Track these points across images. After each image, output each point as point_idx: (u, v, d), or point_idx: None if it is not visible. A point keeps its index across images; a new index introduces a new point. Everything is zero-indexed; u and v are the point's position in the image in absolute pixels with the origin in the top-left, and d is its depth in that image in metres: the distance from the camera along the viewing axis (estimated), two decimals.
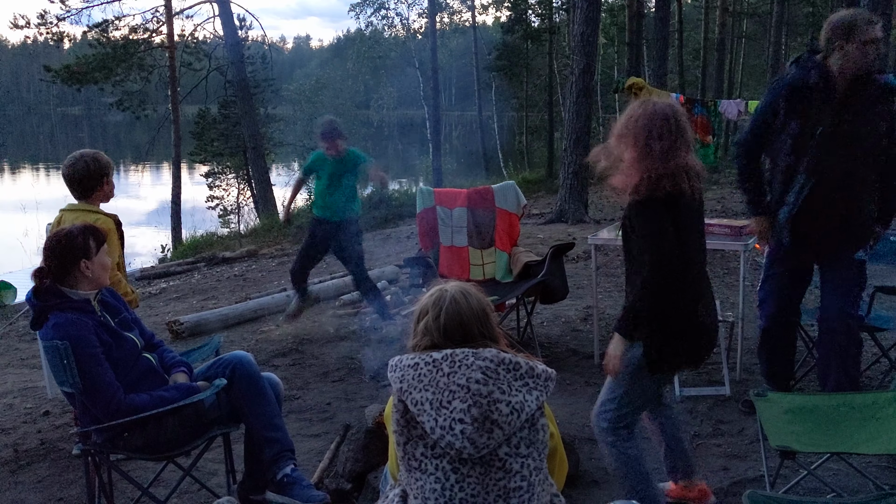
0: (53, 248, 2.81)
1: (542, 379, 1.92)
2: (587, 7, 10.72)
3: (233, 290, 7.87)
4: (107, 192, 3.67)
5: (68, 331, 2.69)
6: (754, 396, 2.98)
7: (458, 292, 1.99)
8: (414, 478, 1.90)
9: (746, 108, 9.47)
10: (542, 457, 1.93)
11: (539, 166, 26.33)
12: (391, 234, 11.19)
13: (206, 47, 20.97)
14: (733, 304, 5.67)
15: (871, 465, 3.25)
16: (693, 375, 4.50)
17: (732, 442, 3.64)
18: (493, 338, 2.00)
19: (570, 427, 3.80)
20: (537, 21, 30.29)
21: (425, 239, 5.48)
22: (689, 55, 31.52)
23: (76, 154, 3.61)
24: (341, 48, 61.26)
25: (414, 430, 1.88)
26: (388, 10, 35.99)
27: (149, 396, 2.82)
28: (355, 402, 4.37)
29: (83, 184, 3.57)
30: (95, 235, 2.88)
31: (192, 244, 15.22)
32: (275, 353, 5.35)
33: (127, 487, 3.32)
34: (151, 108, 21.30)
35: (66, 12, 19.26)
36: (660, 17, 16.02)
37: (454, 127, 42.08)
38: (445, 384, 1.85)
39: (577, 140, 11.02)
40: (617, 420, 2.71)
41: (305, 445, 3.77)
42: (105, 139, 53.81)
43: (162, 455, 2.88)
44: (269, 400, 3.06)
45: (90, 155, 3.60)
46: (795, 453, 2.53)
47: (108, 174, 3.65)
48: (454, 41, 40.70)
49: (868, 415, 2.78)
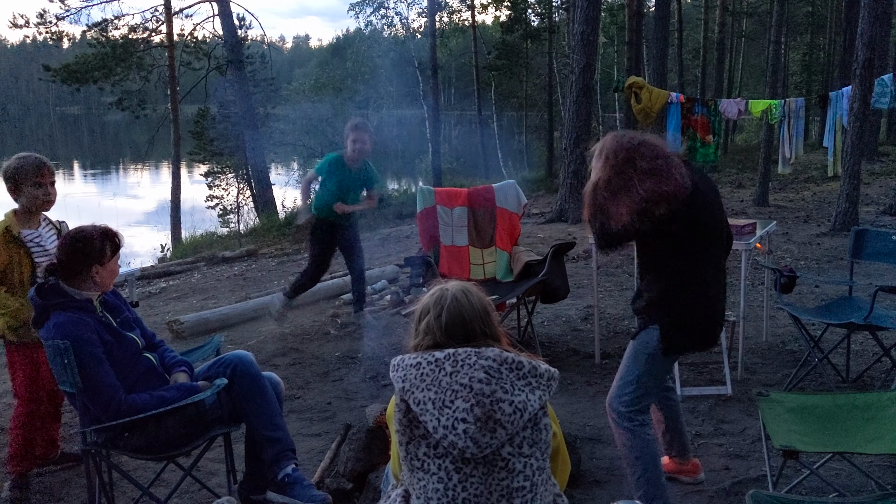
0: (69, 248, 2.81)
1: (544, 378, 1.91)
2: (587, 6, 10.72)
3: (233, 290, 7.86)
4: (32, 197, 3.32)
5: (69, 330, 2.68)
6: (756, 396, 2.98)
7: (460, 291, 1.99)
8: (416, 478, 1.90)
9: (746, 108, 9.48)
10: (544, 456, 1.93)
11: (539, 166, 26.30)
12: (391, 234, 11.18)
13: (205, 47, 20.93)
14: (734, 304, 5.67)
15: (873, 465, 3.25)
16: (694, 375, 4.50)
17: (734, 441, 3.64)
18: (494, 337, 1.99)
19: (572, 427, 3.80)
20: (537, 20, 30.27)
21: (426, 238, 5.46)
22: (689, 54, 31.51)
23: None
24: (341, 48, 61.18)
25: (416, 429, 1.87)
26: (388, 9, 35.95)
27: (149, 396, 2.82)
28: (356, 401, 4.37)
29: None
30: (112, 241, 2.88)
31: (191, 244, 15.20)
32: (275, 353, 5.34)
33: (127, 487, 3.32)
34: (151, 108, 21.27)
35: (65, 12, 19.25)
36: (659, 17, 16.01)
37: (454, 126, 42.03)
38: (448, 384, 1.84)
39: (577, 139, 11.02)
40: (633, 403, 2.78)
41: (306, 445, 3.76)
42: (104, 139, 53.81)
43: (162, 455, 2.87)
44: (270, 399, 3.05)
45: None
46: (798, 453, 2.53)
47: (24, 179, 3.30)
48: (454, 40, 40.66)
49: (870, 414, 2.78)
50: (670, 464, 3.23)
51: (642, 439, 2.76)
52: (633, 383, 2.79)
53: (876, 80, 8.94)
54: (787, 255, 7.91)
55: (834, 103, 9.34)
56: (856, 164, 8.92)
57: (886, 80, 9.03)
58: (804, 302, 5.93)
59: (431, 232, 5.43)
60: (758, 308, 5.54)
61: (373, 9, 35.71)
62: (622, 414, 2.79)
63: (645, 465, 2.75)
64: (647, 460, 2.75)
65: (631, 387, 2.79)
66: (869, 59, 8.64)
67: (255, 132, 18.30)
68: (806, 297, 6.21)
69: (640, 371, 2.78)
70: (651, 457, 2.76)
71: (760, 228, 4.65)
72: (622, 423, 2.79)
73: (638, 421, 2.78)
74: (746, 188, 14.18)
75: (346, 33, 63.04)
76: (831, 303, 4.53)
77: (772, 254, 5.58)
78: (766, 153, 11.99)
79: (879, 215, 9.99)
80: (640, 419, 2.78)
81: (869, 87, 8.76)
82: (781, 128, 9.90)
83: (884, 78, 9.08)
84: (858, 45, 8.77)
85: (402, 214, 13.30)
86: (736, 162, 20.17)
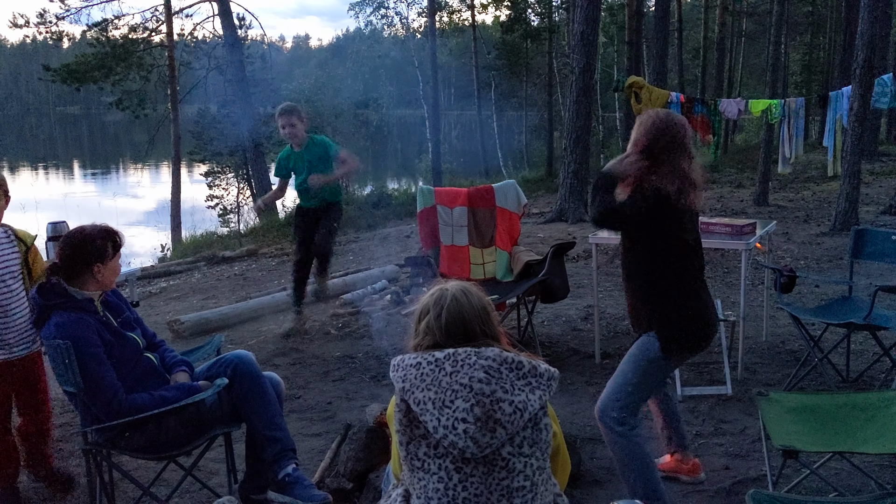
0: (69, 249, 2.81)
1: (544, 378, 1.91)
2: (587, 6, 10.71)
3: (233, 290, 7.86)
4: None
5: (70, 330, 2.68)
6: (756, 396, 2.99)
7: (459, 291, 1.99)
8: (417, 477, 1.90)
9: (746, 107, 9.49)
10: (545, 456, 1.93)
11: (539, 166, 26.30)
12: (391, 234, 11.18)
13: (205, 46, 20.93)
14: (734, 304, 5.67)
15: (873, 465, 3.25)
16: (694, 375, 4.50)
17: (734, 441, 3.64)
18: (494, 336, 2.00)
19: (572, 426, 3.80)
20: (537, 20, 30.27)
21: (426, 238, 5.47)
22: (689, 54, 31.52)
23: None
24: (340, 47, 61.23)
25: (416, 429, 1.88)
26: (388, 9, 35.95)
27: (150, 396, 2.82)
28: (356, 401, 4.37)
29: None
30: (113, 239, 2.88)
31: (191, 243, 15.18)
32: (275, 353, 5.34)
33: (128, 487, 3.32)
34: (151, 108, 21.24)
35: (65, 11, 19.23)
36: (659, 16, 16.00)
37: (453, 126, 42.04)
38: (448, 383, 1.85)
39: (577, 139, 11.02)
40: (626, 408, 2.78)
41: (306, 445, 3.76)
42: (104, 138, 53.79)
43: (163, 455, 2.88)
44: (271, 399, 3.05)
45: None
46: (798, 452, 2.53)
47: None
48: (454, 40, 40.66)
49: (870, 414, 2.78)
50: (671, 461, 3.23)
51: (634, 443, 2.75)
52: (626, 388, 2.78)
53: (876, 80, 8.94)
54: (786, 254, 7.91)
55: (834, 103, 9.34)
56: (856, 164, 8.92)
57: (886, 80, 9.04)
58: (804, 302, 5.93)
59: (431, 232, 5.43)
60: (758, 308, 5.54)
61: (373, 9, 35.71)
62: (614, 419, 2.77)
63: (638, 468, 2.75)
64: (641, 463, 2.75)
65: (627, 391, 2.78)
66: (869, 59, 8.65)
67: (255, 132, 18.30)
68: (806, 296, 6.21)
69: (639, 378, 2.78)
70: (643, 458, 2.75)
71: (760, 228, 4.65)
72: (614, 428, 2.77)
73: (629, 425, 2.77)
74: (746, 188, 14.18)
75: (346, 33, 63.05)
76: (831, 303, 4.53)
77: (772, 253, 5.58)
78: (765, 153, 11.99)
79: (879, 215, 9.98)
80: (632, 423, 2.78)
81: (869, 87, 8.76)
82: (781, 127, 9.90)
83: (884, 78, 9.08)
84: (858, 45, 8.77)
85: (402, 214, 13.30)
86: (736, 162, 20.16)
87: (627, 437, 2.76)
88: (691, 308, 2.78)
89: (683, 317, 2.76)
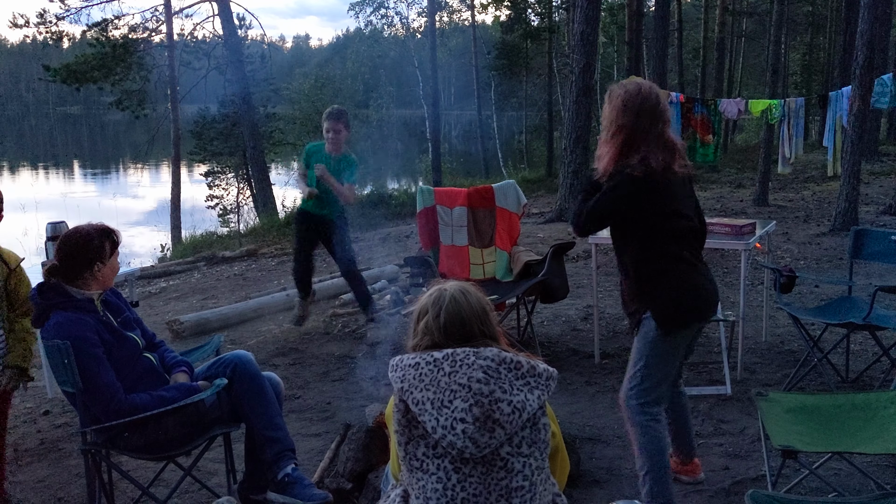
0: (68, 249, 2.81)
1: (543, 378, 1.91)
2: (587, 6, 10.71)
3: (233, 290, 7.87)
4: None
5: (69, 330, 2.68)
6: (756, 396, 2.99)
7: (458, 291, 1.99)
8: (415, 478, 1.90)
9: (746, 107, 9.49)
10: (543, 456, 1.93)
11: (539, 165, 26.29)
12: (391, 234, 11.18)
13: (205, 46, 20.92)
14: (734, 304, 5.67)
15: (872, 465, 3.25)
16: (694, 375, 4.50)
17: (734, 441, 3.64)
18: (493, 336, 1.99)
19: (571, 426, 3.79)
20: (537, 20, 30.26)
21: (425, 238, 5.47)
22: (689, 54, 31.50)
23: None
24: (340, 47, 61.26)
25: (415, 429, 1.88)
26: (388, 9, 35.95)
27: (149, 396, 2.82)
28: (356, 401, 4.37)
29: None
30: (111, 238, 2.88)
31: (191, 243, 15.19)
32: (275, 353, 5.34)
33: (127, 487, 3.32)
34: (150, 108, 21.23)
35: (65, 11, 19.20)
36: (659, 16, 15.98)
37: (453, 126, 42.03)
38: (447, 384, 1.85)
39: (577, 139, 11.02)
40: (643, 394, 2.79)
41: (306, 445, 3.76)
42: (104, 139, 53.79)
43: (162, 455, 2.88)
44: (270, 399, 3.05)
45: None
46: (797, 453, 2.53)
47: None
48: (454, 40, 40.69)
49: (870, 414, 2.78)
50: (671, 463, 3.23)
51: (652, 435, 2.77)
52: (637, 375, 2.80)
53: (876, 80, 8.94)
54: (786, 254, 7.91)
55: (834, 103, 9.34)
56: (856, 164, 8.92)
57: (886, 80, 9.04)
58: (804, 302, 5.93)
59: (431, 232, 5.44)
60: (757, 308, 5.54)
61: (373, 9, 35.70)
62: (634, 407, 2.80)
63: (652, 460, 2.76)
64: (655, 456, 2.76)
65: (637, 378, 2.80)
66: (869, 59, 8.65)
67: (254, 132, 18.30)
68: (806, 296, 6.22)
69: (647, 360, 2.79)
70: (659, 453, 2.77)
71: (760, 228, 4.65)
72: (634, 417, 2.80)
73: (650, 415, 2.78)
74: (746, 188, 14.18)
75: (346, 33, 63.06)
76: (831, 303, 4.53)
77: (771, 253, 5.58)
78: (765, 153, 11.99)
79: (879, 215, 9.98)
80: (653, 413, 2.79)
81: (869, 87, 8.76)
82: (781, 128, 9.90)
83: (884, 78, 9.08)
84: (858, 45, 8.77)
85: (402, 214, 13.30)
86: (736, 162, 20.16)
87: (646, 426, 2.77)
88: (681, 280, 2.77)
89: (672, 288, 2.75)
